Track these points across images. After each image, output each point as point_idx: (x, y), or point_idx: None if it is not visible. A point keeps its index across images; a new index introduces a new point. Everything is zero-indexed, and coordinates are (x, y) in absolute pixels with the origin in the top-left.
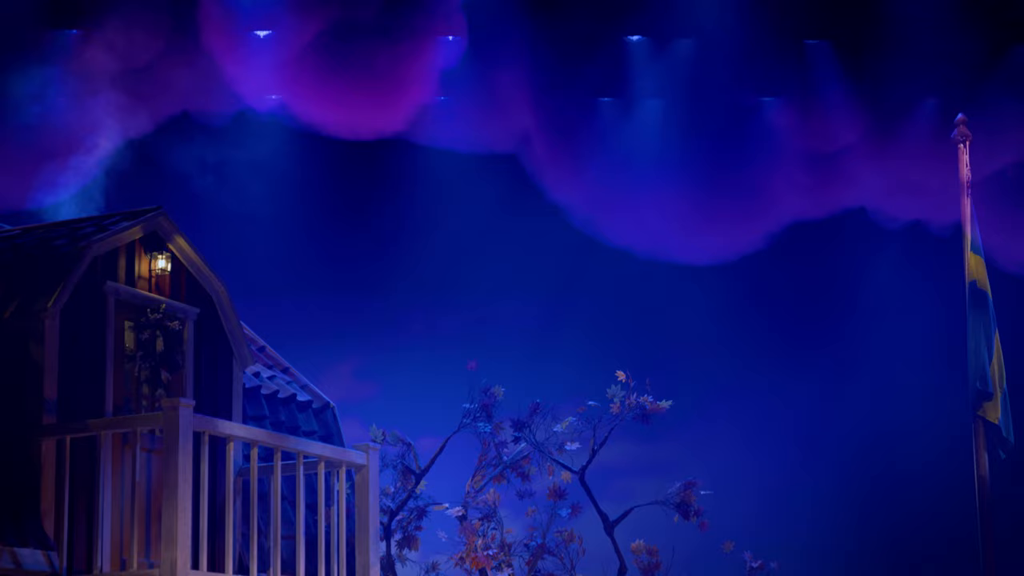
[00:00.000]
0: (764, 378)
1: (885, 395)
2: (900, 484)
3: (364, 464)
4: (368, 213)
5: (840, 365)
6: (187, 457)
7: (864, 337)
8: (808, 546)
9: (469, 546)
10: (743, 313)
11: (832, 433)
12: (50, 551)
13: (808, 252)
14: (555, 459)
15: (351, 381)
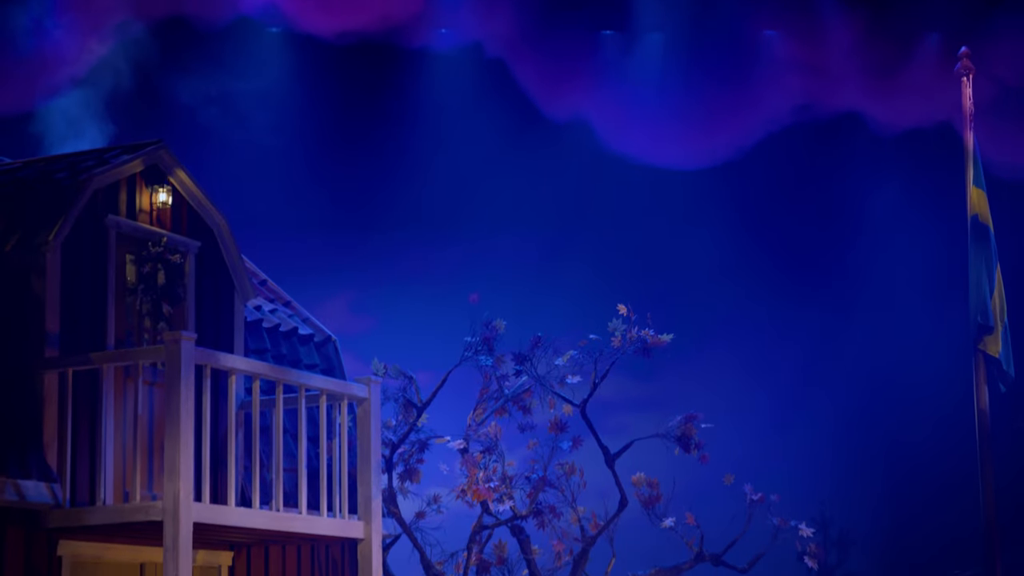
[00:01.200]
0: (765, 312)
1: (886, 328)
2: (900, 417)
3: (366, 397)
4: (368, 147)
5: (841, 299)
6: (189, 390)
7: (865, 270)
8: (809, 479)
9: (470, 479)
10: (745, 247)
11: (833, 366)
12: (53, 483)
13: (810, 180)
14: (556, 392)
15: (347, 315)
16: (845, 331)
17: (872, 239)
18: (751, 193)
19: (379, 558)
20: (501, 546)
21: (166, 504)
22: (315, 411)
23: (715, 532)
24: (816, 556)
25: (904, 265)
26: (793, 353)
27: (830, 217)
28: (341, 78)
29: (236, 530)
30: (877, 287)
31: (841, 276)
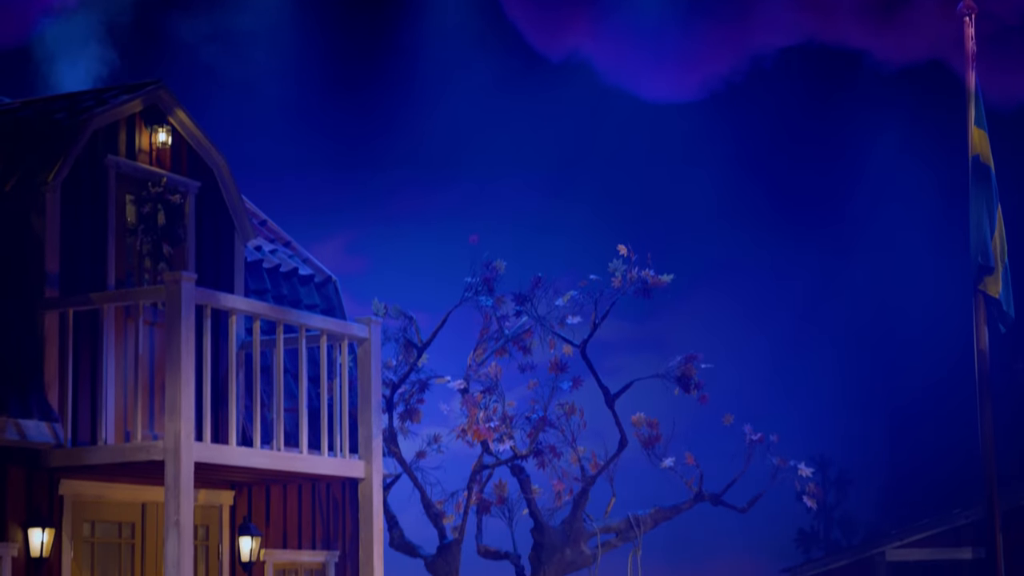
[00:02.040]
0: (765, 253)
1: (886, 269)
2: (900, 358)
3: (366, 337)
4: (366, 87)
5: (841, 239)
6: (189, 330)
7: (865, 211)
8: (808, 419)
9: (471, 418)
10: (745, 188)
11: (833, 307)
12: (54, 423)
13: (810, 119)
14: (556, 333)
15: (343, 256)
16: (845, 272)
17: (872, 179)
18: (751, 133)
19: (379, 497)
20: (501, 486)
21: (167, 443)
22: (316, 351)
23: (714, 472)
24: (815, 496)
25: (905, 205)
26: (793, 293)
27: (830, 157)
28: (341, 18)
29: (237, 469)
30: (877, 228)
31: (841, 217)
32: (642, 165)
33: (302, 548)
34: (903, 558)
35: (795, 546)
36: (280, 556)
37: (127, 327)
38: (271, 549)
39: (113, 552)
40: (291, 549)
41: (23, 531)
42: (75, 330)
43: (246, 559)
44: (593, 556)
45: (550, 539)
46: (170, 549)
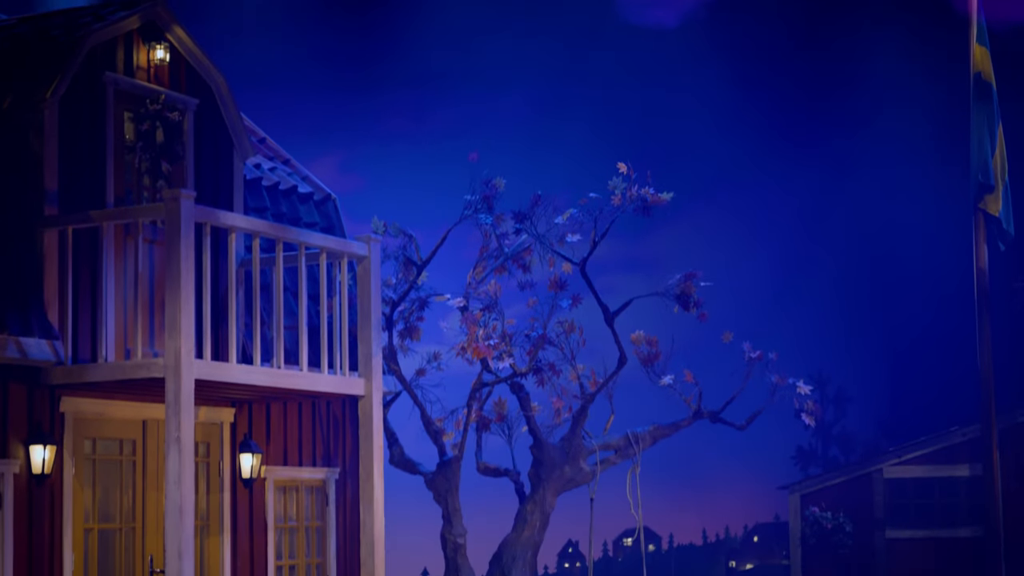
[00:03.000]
0: (765, 171)
1: (886, 187)
2: (900, 276)
3: (365, 255)
4: (364, 7)
5: (842, 156)
6: (189, 248)
7: (865, 129)
8: (807, 337)
9: (470, 336)
10: (745, 106)
11: (832, 225)
12: (54, 340)
13: (812, 35)
14: (556, 250)
15: (337, 174)
16: (845, 190)
17: (872, 97)
18: (751, 50)
19: (379, 414)
20: (501, 403)
21: (167, 361)
22: (315, 269)
23: (713, 390)
24: (814, 413)
25: (905, 123)
26: (793, 211)
27: (830, 75)
28: None
29: (237, 387)
30: (877, 146)
31: (841, 135)
32: (642, 83)
33: (302, 465)
34: (901, 475)
35: (793, 463)
36: (280, 473)
37: (127, 245)
38: (271, 466)
39: (114, 469)
40: (291, 466)
41: (24, 448)
42: (75, 248)
43: (247, 476)
44: (592, 473)
45: (549, 456)
46: (171, 466)
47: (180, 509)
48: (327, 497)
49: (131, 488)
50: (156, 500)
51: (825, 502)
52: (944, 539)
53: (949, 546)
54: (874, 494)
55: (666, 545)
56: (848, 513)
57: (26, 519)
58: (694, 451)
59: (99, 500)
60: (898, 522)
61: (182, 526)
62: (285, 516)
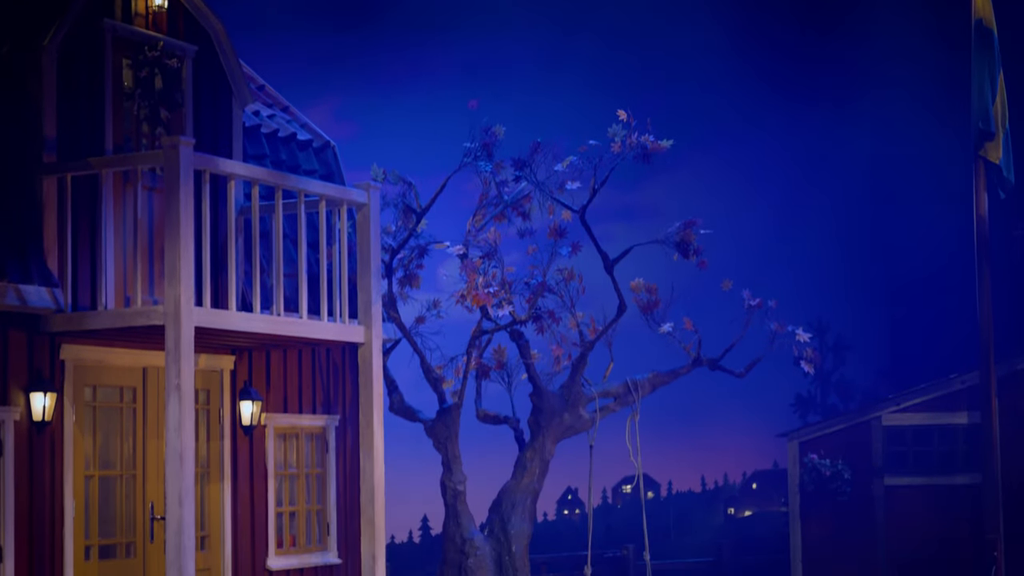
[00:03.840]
0: (766, 118)
1: (887, 134)
2: (900, 223)
3: (365, 203)
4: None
5: (842, 105)
6: (188, 195)
7: (866, 76)
8: (807, 285)
9: (470, 284)
10: (746, 53)
11: (832, 173)
12: (54, 288)
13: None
14: (556, 198)
15: (331, 121)
16: (845, 137)
17: (874, 44)
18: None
19: (379, 362)
20: (500, 351)
21: (167, 308)
22: (315, 217)
23: (713, 337)
24: (813, 361)
25: (906, 70)
26: (793, 159)
27: (831, 23)
28: None
29: (237, 334)
30: (878, 94)
31: (841, 84)
32: (642, 31)
33: (302, 412)
34: (899, 423)
35: (792, 411)
36: (280, 420)
37: (126, 193)
38: (271, 413)
39: (114, 416)
40: (291, 413)
41: (25, 395)
42: (74, 195)
43: (247, 423)
44: (591, 420)
45: (549, 404)
46: (171, 413)
47: (180, 456)
48: (327, 444)
49: (131, 435)
50: (156, 447)
51: (824, 449)
52: (942, 486)
53: (947, 493)
54: (872, 441)
55: (665, 492)
56: (847, 460)
57: (27, 466)
58: (693, 399)
59: (99, 447)
60: (896, 469)
61: (182, 473)
62: (285, 463)
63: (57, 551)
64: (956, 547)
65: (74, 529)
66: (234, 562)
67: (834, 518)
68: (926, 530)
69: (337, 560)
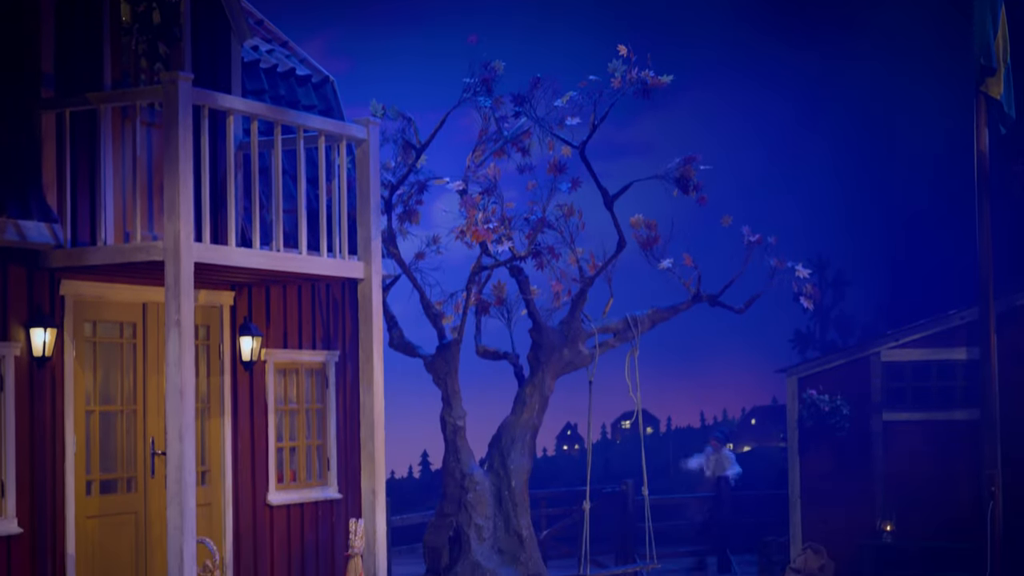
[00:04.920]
0: (766, 53)
1: (887, 69)
2: (900, 159)
3: (364, 138)
4: None
5: (843, 37)
6: (187, 130)
7: (868, 10)
8: (806, 220)
9: (469, 220)
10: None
11: (833, 108)
12: (54, 223)
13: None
14: (555, 134)
15: (325, 56)
16: (846, 72)
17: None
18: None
19: (379, 298)
20: (500, 287)
21: (167, 244)
22: (314, 152)
23: (712, 273)
24: (812, 297)
25: (908, 3)
26: (793, 95)
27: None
28: None
29: (237, 270)
30: (879, 27)
31: (843, 18)
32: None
33: (302, 348)
34: (898, 358)
35: (791, 347)
36: (280, 356)
37: (124, 128)
38: (271, 349)
39: (115, 351)
40: (291, 349)
41: (25, 331)
42: (72, 131)
43: (247, 358)
44: (591, 356)
45: (548, 339)
46: (171, 348)
47: (180, 392)
48: (327, 379)
49: (132, 371)
50: (157, 383)
51: (822, 385)
52: (940, 422)
53: (945, 428)
54: (871, 377)
55: (664, 428)
56: (845, 396)
57: (28, 401)
58: (693, 335)
59: (100, 382)
60: (895, 405)
61: (183, 408)
62: (285, 398)
63: (58, 486)
64: (954, 482)
65: (75, 464)
66: (235, 497)
67: (832, 453)
68: (924, 465)
69: (337, 495)
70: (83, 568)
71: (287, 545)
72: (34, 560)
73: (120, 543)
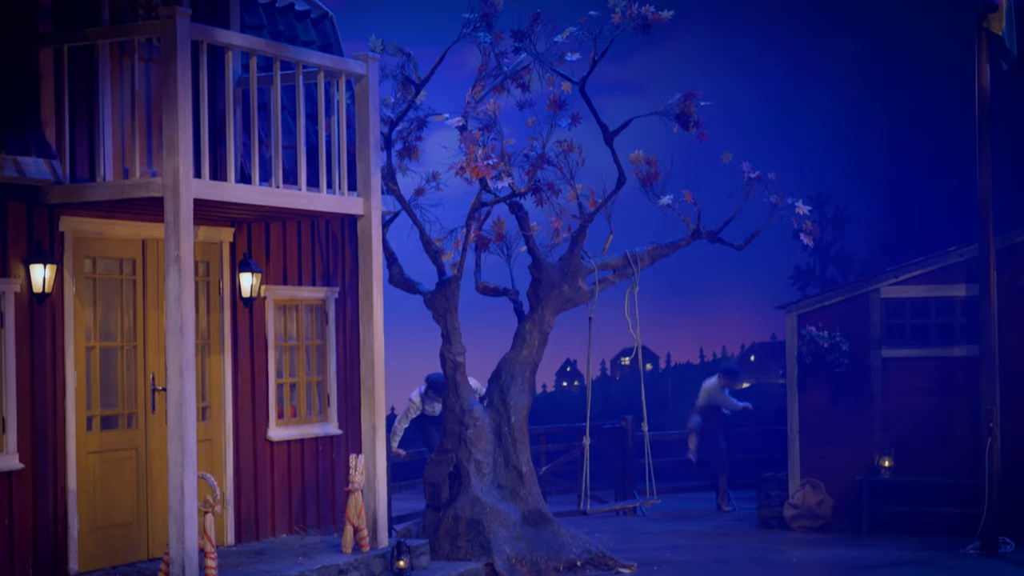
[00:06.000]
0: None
1: (889, 2)
2: (901, 95)
3: (364, 74)
4: None
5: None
6: (186, 66)
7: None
8: (807, 157)
9: (469, 156)
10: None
11: (834, 44)
12: (52, 159)
13: None
14: (555, 70)
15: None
16: (847, 6)
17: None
18: None
19: (378, 234)
20: (500, 223)
21: (166, 180)
22: (313, 88)
23: (712, 209)
24: (812, 233)
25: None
26: (795, 30)
27: None
28: None
29: (236, 206)
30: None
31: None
32: None
33: (302, 284)
34: (898, 295)
35: (791, 283)
36: (280, 292)
37: (123, 64)
38: (271, 285)
39: (115, 288)
40: (291, 285)
41: (25, 267)
42: (71, 67)
43: (247, 295)
44: (590, 292)
45: (548, 276)
46: (171, 285)
47: (180, 328)
48: (327, 316)
49: (132, 307)
50: (157, 319)
51: (822, 321)
52: (939, 358)
53: (944, 365)
54: (871, 313)
55: (663, 364)
56: (844, 332)
57: (28, 338)
58: (692, 271)
59: (100, 319)
60: (894, 341)
61: (183, 345)
62: (285, 335)
63: (59, 421)
64: (952, 418)
65: (76, 400)
66: (235, 433)
67: (831, 390)
68: (923, 402)
69: (338, 431)
70: (84, 503)
71: (287, 480)
72: (35, 495)
73: (121, 478)
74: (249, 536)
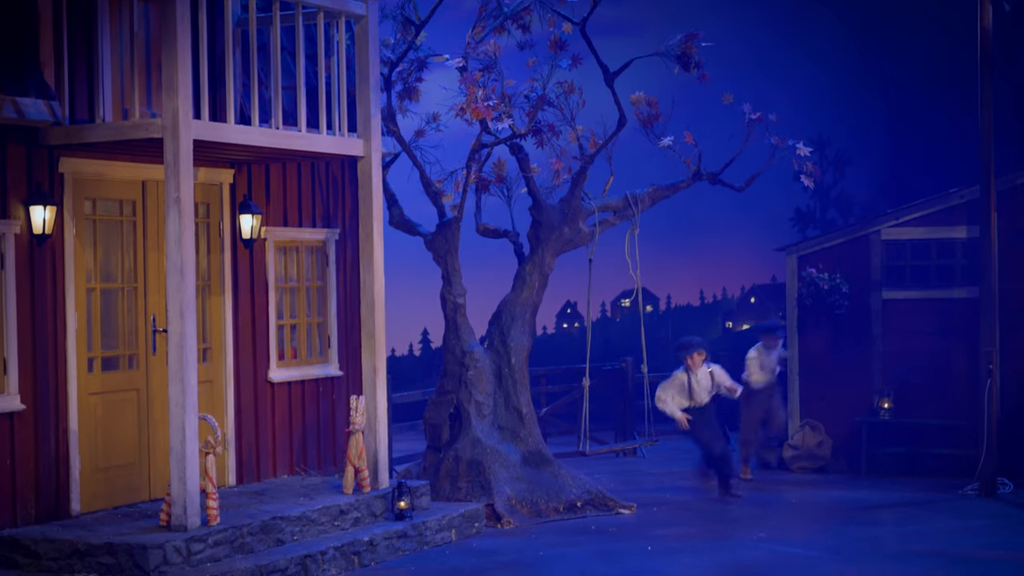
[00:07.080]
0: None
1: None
2: (901, 35)
3: (363, 15)
4: None
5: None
6: (185, 6)
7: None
8: (808, 99)
9: (469, 97)
10: None
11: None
12: (52, 101)
13: None
14: (556, 10)
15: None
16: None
17: None
18: None
19: (379, 175)
20: (500, 164)
21: (165, 121)
22: (313, 29)
23: (713, 151)
24: (812, 175)
25: None
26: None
27: None
28: None
29: (236, 147)
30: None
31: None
32: None
33: (302, 226)
34: (898, 236)
35: (791, 225)
36: (280, 233)
37: (122, 5)
38: (271, 227)
39: (115, 229)
40: (291, 227)
41: (25, 208)
42: (70, 7)
43: (247, 236)
44: (591, 234)
45: (548, 217)
46: (171, 226)
47: (181, 270)
48: (327, 257)
49: (132, 248)
50: (157, 260)
51: (822, 263)
52: (940, 300)
53: (945, 307)
54: (871, 255)
55: (663, 306)
56: (845, 274)
57: (28, 279)
58: (693, 213)
59: (100, 260)
60: (894, 283)
61: (183, 286)
62: (286, 276)
63: (60, 363)
64: (952, 360)
65: (76, 341)
66: (236, 374)
67: (831, 331)
68: (922, 343)
69: (338, 372)
70: (86, 444)
71: (288, 421)
72: (37, 436)
73: (122, 419)
74: (250, 477)
